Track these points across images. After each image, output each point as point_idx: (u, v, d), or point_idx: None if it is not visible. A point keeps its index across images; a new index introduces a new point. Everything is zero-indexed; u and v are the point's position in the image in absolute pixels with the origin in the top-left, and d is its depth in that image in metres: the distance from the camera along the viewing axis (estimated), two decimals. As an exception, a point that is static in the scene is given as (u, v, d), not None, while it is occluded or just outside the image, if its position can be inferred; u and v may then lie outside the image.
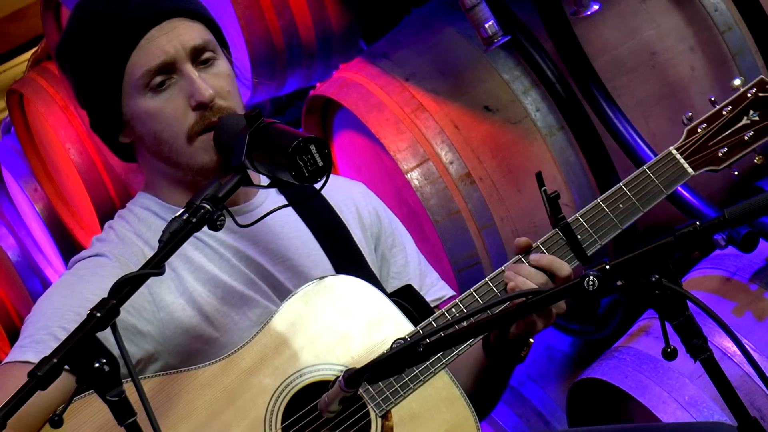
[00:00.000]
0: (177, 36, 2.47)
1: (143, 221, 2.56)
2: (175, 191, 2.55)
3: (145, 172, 2.61)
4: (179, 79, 2.47)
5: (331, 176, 2.78)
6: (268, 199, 2.61)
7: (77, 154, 4.96)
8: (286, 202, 2.59)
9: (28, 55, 5.62)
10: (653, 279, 2.05)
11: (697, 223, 2.11)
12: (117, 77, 2.48)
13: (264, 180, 2.41)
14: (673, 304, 2.07)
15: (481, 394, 2.57)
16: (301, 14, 3.92)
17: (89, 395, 2.30)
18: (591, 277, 2.05)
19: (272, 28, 3.89)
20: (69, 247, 5.38)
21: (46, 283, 5.69)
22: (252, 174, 2.35)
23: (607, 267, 2.07)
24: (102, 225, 4.96)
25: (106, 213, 5.00)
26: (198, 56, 2.48)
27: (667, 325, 2.06)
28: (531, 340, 2.49)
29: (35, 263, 5.78)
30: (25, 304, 5.89)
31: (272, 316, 2.45)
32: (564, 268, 2.44)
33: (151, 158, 2.54)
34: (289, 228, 2.61)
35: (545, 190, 2.46)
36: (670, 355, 2.10)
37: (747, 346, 2.81)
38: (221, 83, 2.48)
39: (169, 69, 2.46)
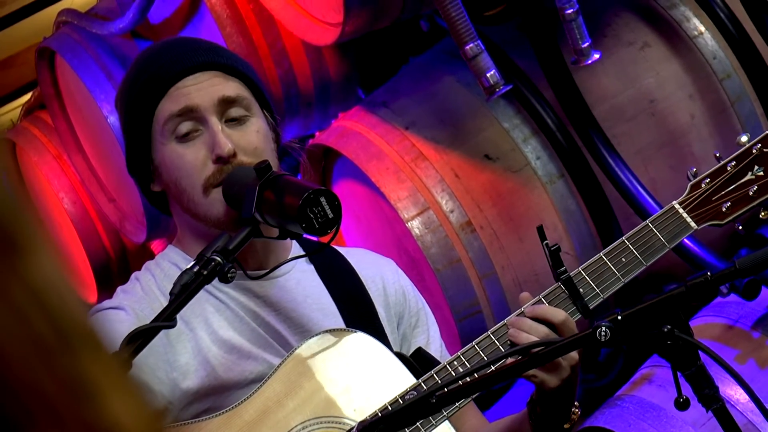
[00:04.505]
0: (207, 87, 2.46)
1: (168, 277, 2.53)
2: (200, 246, 2.50)
3: (177, 225, 2.60)
4: (204, 132, 2.46)
5: (363, 250, 2.78)
6: (295, 267, 2.60)
7: (71, 203, 4.95)
8: (312, 267, 2.59)
9: (16, 103, 5.60)
10: (665, 330, 2.05)
11: (708, 273, 2.11)
12: (146, 124, 2.49)
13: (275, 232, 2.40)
14: (685, 355, 2.07)
15: None
16: (299, 63, 3.93)
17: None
18: (603, 328, 2.04)
19: (270, 77, 3.90)
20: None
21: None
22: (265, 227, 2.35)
23: (619, 318, 2.07)
24: (96, 276, 4.98)
25: (100, 263, 4.99)
26: (227, 110, 2.47)
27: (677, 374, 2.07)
28: (577, 411, 2.47)
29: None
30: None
31: (276, 370, 2.43)
32: (558, 313, 2.42)
33: (179, 209, 2.53)
34: (313, 299, 2.57)
35: (547, 244, 2.44)
36: (682, 405, 2.09)
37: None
38: (249, 139, 2.45)
39: (194, 118, 2.45)
